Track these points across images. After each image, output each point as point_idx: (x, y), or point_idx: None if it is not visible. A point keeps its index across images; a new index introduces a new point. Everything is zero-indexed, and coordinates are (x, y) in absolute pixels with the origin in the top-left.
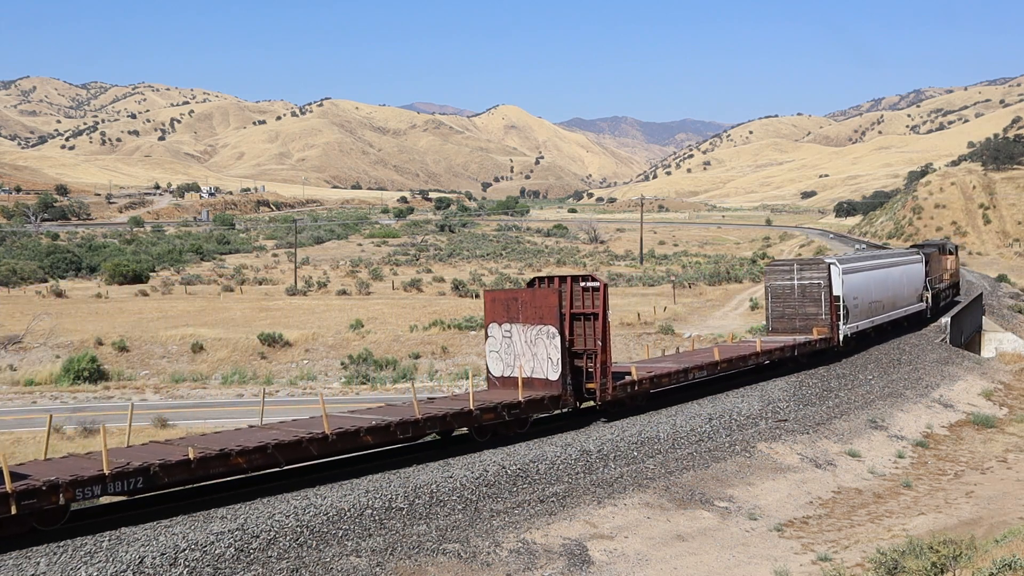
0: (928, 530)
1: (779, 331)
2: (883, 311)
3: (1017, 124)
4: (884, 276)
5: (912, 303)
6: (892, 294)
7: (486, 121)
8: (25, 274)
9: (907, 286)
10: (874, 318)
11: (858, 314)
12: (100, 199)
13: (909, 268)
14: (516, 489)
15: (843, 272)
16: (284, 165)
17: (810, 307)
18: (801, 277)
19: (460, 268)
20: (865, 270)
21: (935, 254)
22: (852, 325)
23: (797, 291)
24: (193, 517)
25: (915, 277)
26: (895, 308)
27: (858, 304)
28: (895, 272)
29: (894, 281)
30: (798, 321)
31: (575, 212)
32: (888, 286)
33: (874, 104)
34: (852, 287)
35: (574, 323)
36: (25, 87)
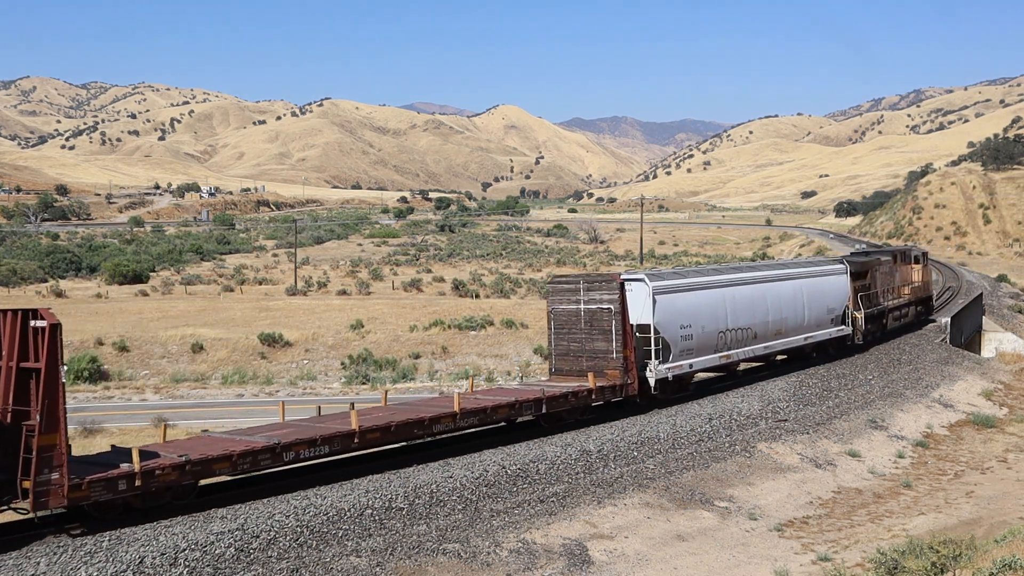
0: (928, 530)
1: (564, 373)
2: (753, 341)
3: (1017, 124)
4: (756, 294)
5: (824, 328)
6: (776, 317)
7: (486, 121)
8: (25, 274)
9: (813, 306)
10: (733, 351)
11: (692, 348)
12: (100, 199)
13: (818, 283)
14: (516, 489)
15: (656, 292)
16: (284, 165)
17: (599, 340)
18: (589, 299)
19: (460, 268)
20: (702, 288)
21: (881, 263)
22: (677, 364)
23: (584, 318)
24: (193, 517)
25: (830, 294)
26: (783, 335)
27: (691, 335)
28: (783, 288)
29: (782, 300)
30: (585, 360)
31: (575, 212)
32: (766, 307)
33: (874, 104)
34: (675, 312)
35: None
36: (25, 87)
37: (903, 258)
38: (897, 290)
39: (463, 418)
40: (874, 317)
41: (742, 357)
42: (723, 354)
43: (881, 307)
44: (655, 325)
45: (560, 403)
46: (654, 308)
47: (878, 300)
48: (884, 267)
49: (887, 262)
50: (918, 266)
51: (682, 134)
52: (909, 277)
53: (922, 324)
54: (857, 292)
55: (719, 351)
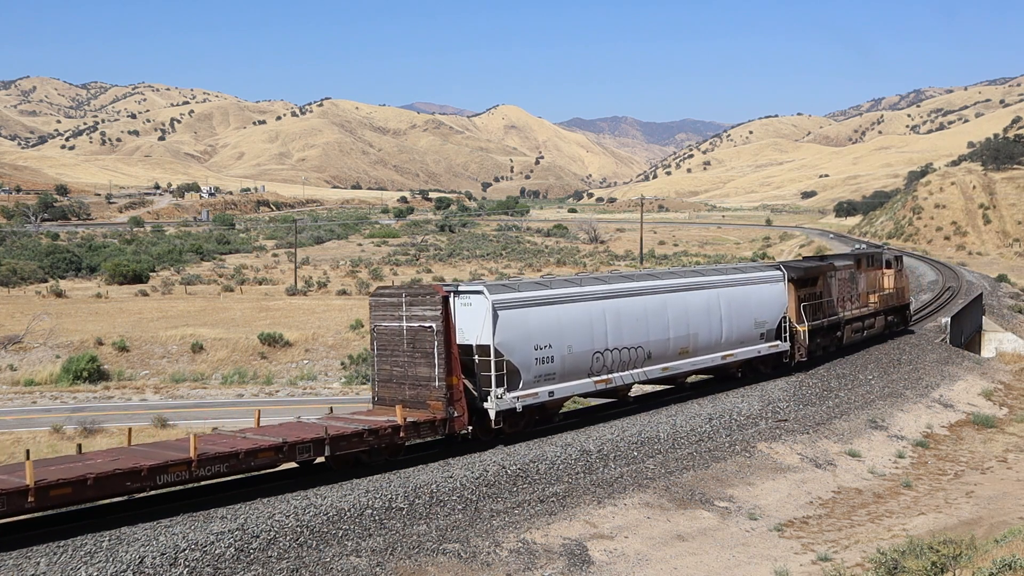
0: (928, 530)
1: (387, 403)
2: (646, 362)
3: (1017, 124)
4: (651, 307)
5: (751, 344)
6: (681, 333)
7: (486, 121)
8: (25, 274)
9: (735, 319)
10: (615, 374)
11: (553, 373)
12: (100, 199)
13: (743, 292)
14: (516, 489)
15: (497, 307)
16: (284, 165)
17: (422, 365)
18: (411, 315)
19: (460, 268)
20: (568, 300)
21: (837, 269)
22: (530, 392)
23: (406, 338)
24: (193, 517)
25: (759, 306)
26: (692, 354)
27: (551, 356)
28: (692, 300)
29: (690, 313)
30: (408, 388)
31: (575, 212)
32: (665, 322)
33: (874, 104)
34: (527, 330)
35: None
36: (25, 87)
37: (870, 262)
38: (861, 298)
39: (203, 466)
40: (825, 330)
41: (630, 381)
42: (600, 378)
43: (836, 318)
44: (496, 346)
45: (352, 443)
46: (495, 326)
47: (833, 310)
48: (842, 273)
49: (846, 267)
50: (890, 271)
51: (682, 134)
52: (878, 283)
53: (894, 335)
54: (801, 302)
55: (595, 375)
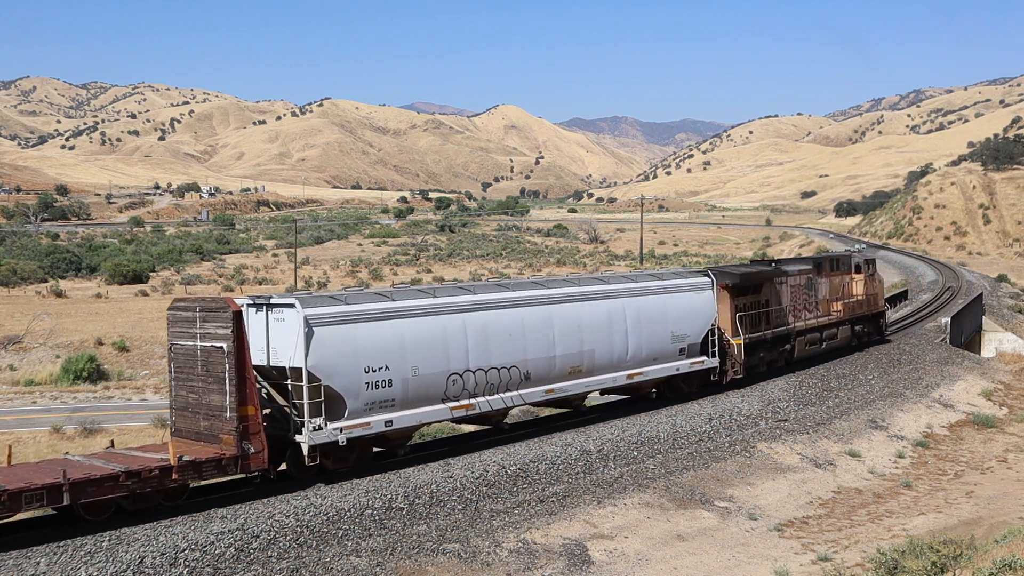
0: (928, 530)
1: (184, 435)
2: (524, 383)
3: (1017, 124)
4: (530, 321)
5: (668, 360)
6: (571, 350)
7: (486, 121)
8: (25, 274)
9: (645, 333)
10: (479, 399)
11: (392, 399)
12: (100, 199)
13: (656, 302)
14: (516, 489)
15: (313, 322)
16: (284, 165)
17: (215, 392)
18: (204, 332)
19: (460, 268)
20: (410, 314)
21: (788, 275)
22: (359, 422)
23: (200, 359)
24: (193, 517)
25: (678, 317)
26: (587, 373)
27: (389, 380)
28: (587, 311)
29: (584, 327)
30: (202, 419)
31: (575, 212)
32: (549, 337)
33: (874, 104)
34: (354, 349)
35: None
36: (25, 87)
37: (835, 267)
38: (822, 306)
39: None
40: (770, 343)
41: (501, 406)
42: (458, 404)
43: (785, 329)
44: (311, 369)
45: (104, 489)
46: (308, 345)
47: (783, 320)
48: (796, 279)
49: (801, 273)
50: (860, 276)
51: (682, 134)
52: (845, 290)
53: (865, 347)
54: (738, 312)
55: (452, 399)
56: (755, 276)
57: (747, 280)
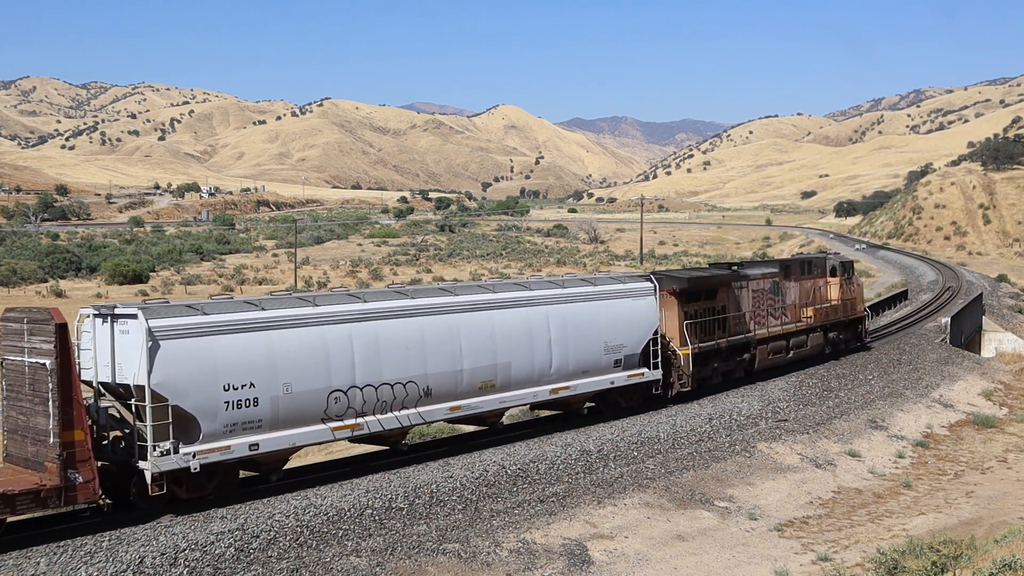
0: (928, 530)
1: (15, 461)
2: (424, 400)
3: (1017, 124)
4: (432, 331)
5: (600, 373)
6: (483, 363)
7: (486, 121)
8: (25, 274)
9: (573, 343)
10: (369, 417)
11: (259, 420)
12: (100, 199)
13: (587, 310)
14: (516, 489)
15: (160, 334)
16: (284, 165)
17: (40, 415)
18: (31, 347)
19: (460, 268)
20: (282, 324)
21: (749, 279)
22: (217, 446)
23: (27, 377)
24: (193, 517)
25: (612, 326)
26: (502, 388)
27: (254, 399)
28: (503, 320)
29: (498, 337)
30: (29, 443)
31: (575, 212)
32: (455, 349)
33: (874, 104)
34: (211, 364)
35: None
36: (25, 87)
37: (806, 270)
38: (791, 312)
39: None
40: (724, 352)
41: (396, 425)
42: (342, 424)
43: (742, 338)
44: (155, 387)
45: None
46: (153, 360)
47: (742, 328)
48: (758, 283)
49: (765, 276)
50: (835, 280)
51: (682, 134)
52: (818, 295)
53: (842, 355)
54: (687, 319)
55: (334, 419)
56: (708, 281)
57: (698, 285)
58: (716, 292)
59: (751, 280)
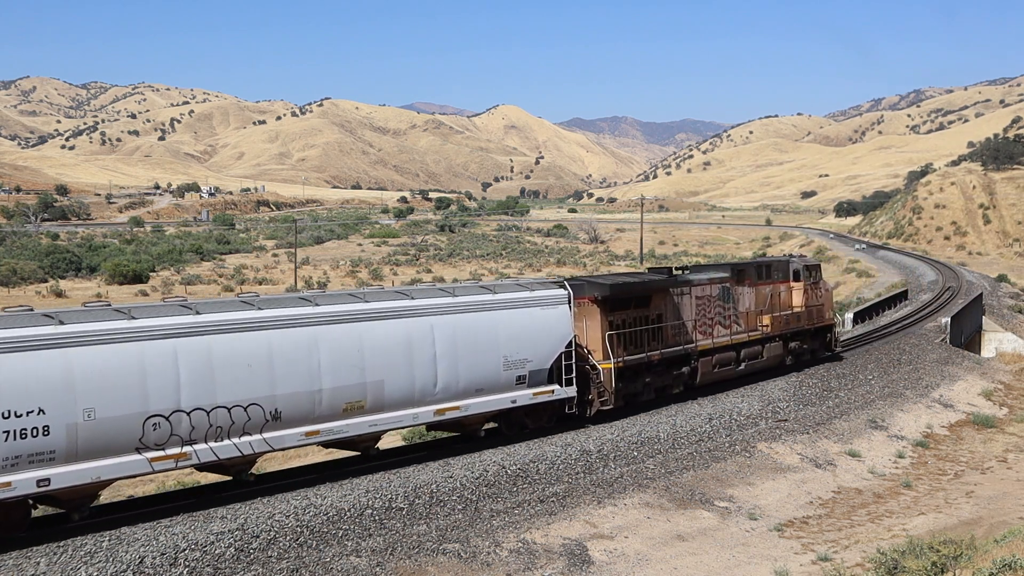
0: (928, 530)
1: None
2: (274, 424)
3: (1017, 124)
4: (283, 344)
5: (499, 391)
6: (349, 381)
7: (486, 121)
8: (25, 274)
9: (462, 358)
10: (201, 446)
11: (52, 451)
12: (100, 199)
13: (480, 320)
14: (516, 489)
15: None
16: (284, 165)
17: None
18: None
19: (460, 268)
20: (97, 340)
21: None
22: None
23: None
24: (193, 517)
25: (512, 339)
26: (373, 410)
27: (42, 427)
28: (373, 333)
29: (366, 353)
30: None
31: (575, 212)
32: (309, 367)
33: (874, 104)
34: None
35: None
36: (25, 87)
37: (764, 274)
38: (745, 320)
39: None
40: (658, 367)
41: (234, 454)
42: (163, 453)
43: (681, 349)
44: None
45: None
46: None
47: (682, 338)
48: (705, 289)
49: (713, 282)
50: (799, 284)
51: (682, 134)
52: (778, 301)
53: (807, 365)
54: (611, 330)
55: (151, 448)
56: (638, 287)
57: (624, 292)
58: (649, 299)
59: (694, 286)
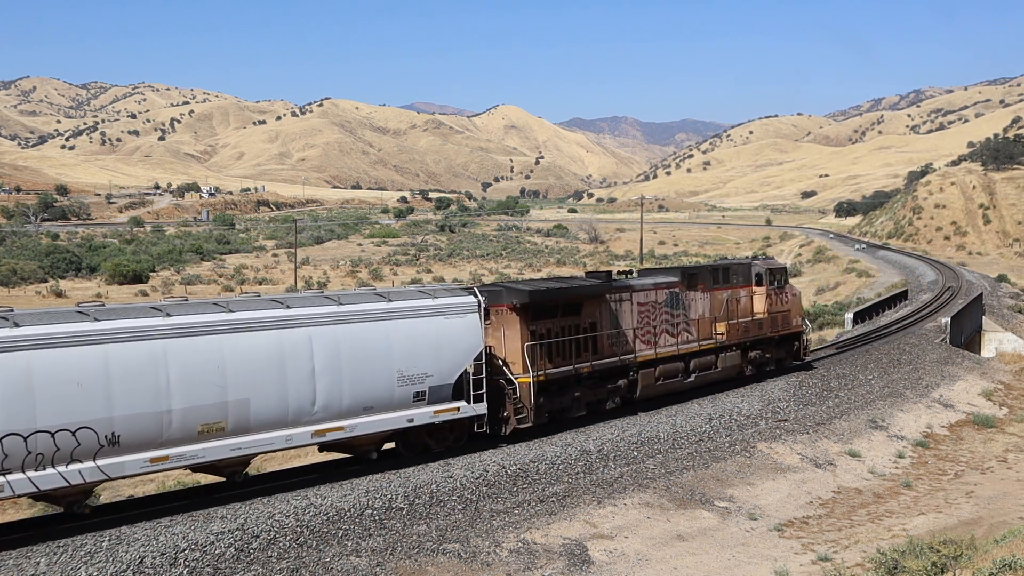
0: (928, 530)
1: None
2: (109, 450)
3: (1017, 124)
4: (117, 360)
5: (397, 408)
6: (200, 401)
7: (486, 121)
8: (25, 274)
9: (344, 374)
10: (13, 476)
11: None
12: (100, 199)
13: (367, 332)
14: (516, 489)
15: None
16: (284, 165)
17: None
18: None
19: (460, 268)
20: None
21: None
22: None
23: None
24: (193, 517)
25: (408, 352)
26: (237, 432)
27: None
28: (235, 346)
29: (228, 368)
30: None
31: (575, 212)
32: (157, 386)
33: (874, 104)
34: None
35: None
36: (25, 87)
37: (720, 278)
38: (696, 328)
39: None
40: (588, 380)
41: (60, 484)
42: None
43: (616, 361)
44: None
45: None
46: None
47: (619, 349)
48: (649, 295)
49: (659, 287)
50: (761, 289)
51: (682, 134)
52: (736, 307)
53: (770, 376)
54: (532, 340)
55: None
56: (565, 294)
57: (549, 299)
58: (580, 306)
59: (635, 291)
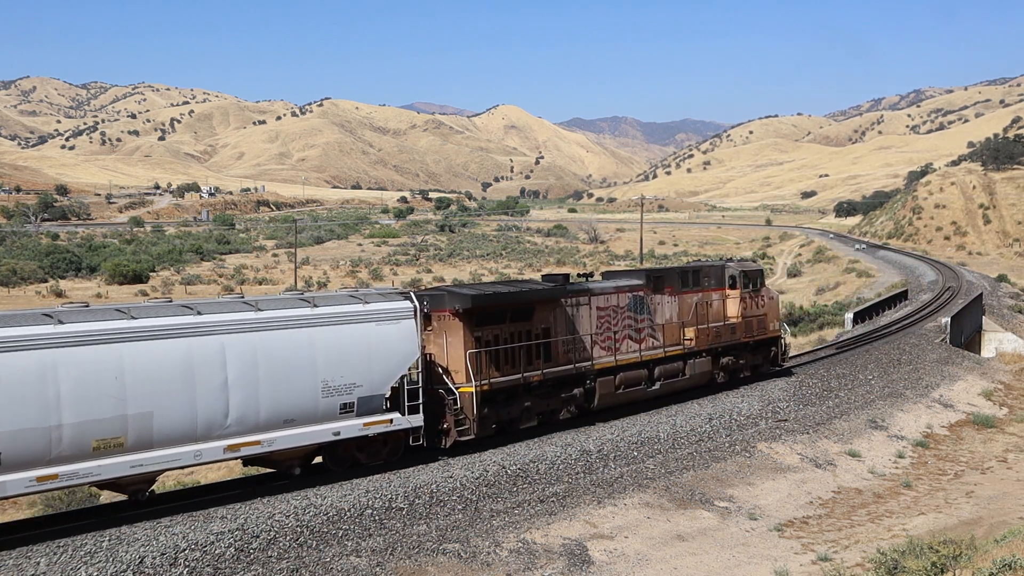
0: (928, 530)
1: None
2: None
3: (1017, 124)
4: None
5: (321, 421)
6: (97, 415)
7: (486, 121)
8: (25, 274)
9: (261, 385)
10: None
11: None
12: (100, 199)
13: (288, 340)
14: (516, 489)
15: None
16: (284, 165)
17: None
18: None
19: (460, 268)
20: None
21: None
22: None
23: None
24: (193, 517)
25: (334, 361)
26: (149, 446)
27: None
28: (136, 356)
29: (130, 378)
30: None
31: (575, 212)
32: (45, 398)
33: (874, 104)
34: None
35: None
36: (25, 87)
37: (690, 281)
38: (663, 334)
39: None
40: (540, 388)
41: None
42: None
43: (573, 368)
44: None
45: None
46: None
47: (578, 355)
48: (609, 298)
49: (621, 290)
50: (734, 293)
51: (682, 134)
52: (707, 311)
53: (744, 383)
54: (476, 347)
55: None
56: (513, 298)
57: (496, 303)
58: (531, 311)
59: (594, 295)
